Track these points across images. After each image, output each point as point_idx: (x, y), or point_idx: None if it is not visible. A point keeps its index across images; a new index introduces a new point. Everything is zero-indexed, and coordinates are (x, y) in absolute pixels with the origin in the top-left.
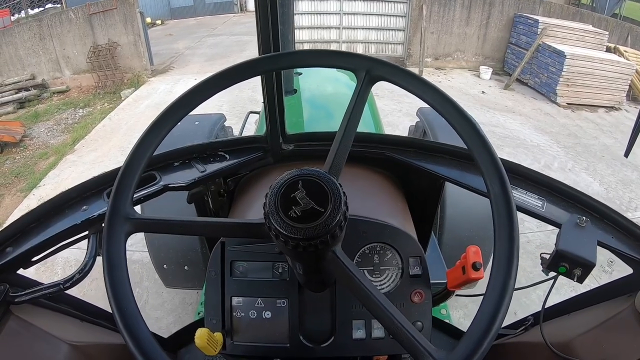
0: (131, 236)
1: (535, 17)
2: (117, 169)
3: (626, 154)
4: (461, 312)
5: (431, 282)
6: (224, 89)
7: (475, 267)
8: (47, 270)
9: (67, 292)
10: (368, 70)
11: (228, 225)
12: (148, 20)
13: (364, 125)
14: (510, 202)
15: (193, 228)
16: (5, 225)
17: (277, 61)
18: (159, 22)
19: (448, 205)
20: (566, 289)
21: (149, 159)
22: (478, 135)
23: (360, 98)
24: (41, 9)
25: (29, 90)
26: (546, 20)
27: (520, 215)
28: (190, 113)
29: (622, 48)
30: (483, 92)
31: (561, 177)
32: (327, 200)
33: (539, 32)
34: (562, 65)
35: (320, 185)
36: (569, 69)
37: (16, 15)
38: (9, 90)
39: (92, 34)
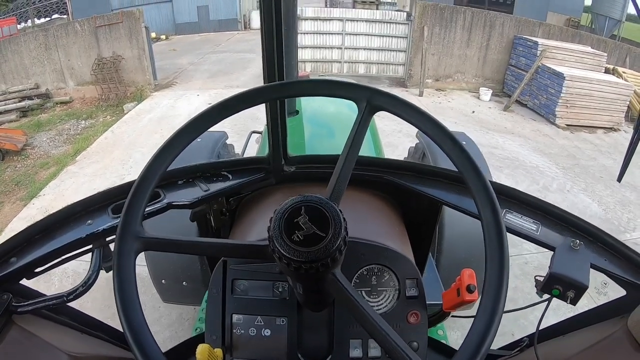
0: None
1: (534, 39)
2: (123, 185)
3: (619, 179)
4: (459, 333)
5: (428, 303)
6: (231, 115)
7: (469, 289)
8: (46, 280)
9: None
10: (368, 100)
11: (233, 247)
12: (153, 34)
13: (364, 148)
14: (501, 227)
15: (201, 248)
16: (10, 236)
17: (281, 90)
18: (163, 37)
19: (446, 227)
20: (563, 310)
21: (160, 179)
22: (471, 164)
23: (361, 127)
24: (48, 19)
25: (33, 99)
26: (545, 42)
27: (517, 238)
28: None
29: (620, 69)
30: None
31: (560, 198)
32: (328, 226)
33: (538, 54)
34: (561, 86)
35: (321, 212)
36: (567, 91)
37: (22, 24)
38: (13, 98)
39: (97, 46)
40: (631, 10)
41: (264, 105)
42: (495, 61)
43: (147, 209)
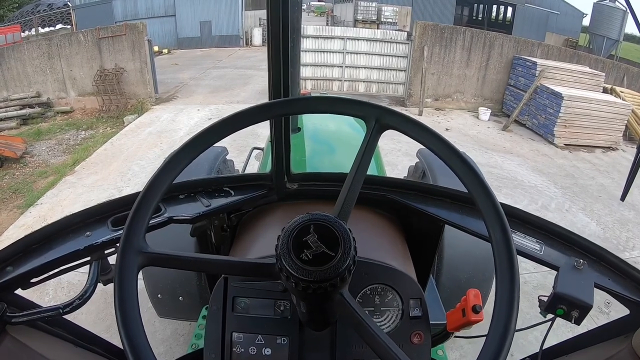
0: None
1: (533, 59)
2: (123, 197)
3: (622, 198)
4: (457, 353)
5: (430, 323)
6: (238, 130)
7: (475, 310)
8: (41, 290)
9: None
10: (377, 118)
11: (239, 264)
12: (155, 48)
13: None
14: (512, 248)
15: (205, 265)
16: (5, 244)
17: (289, 106)
18: (165, 51)
19: (446, 247)
20: (563, 329)
21: (164, 193)
22: (482, 185)
23: (369, 145)
24: (51, 28)
25: (34, 107)
26: (544, 62)
27: (518, 257)
28: None
29: (618, 89)
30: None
31: (558, 217)
32: (337, 245)
33: (537, 74)
34: (560, 106)
35: (331, 230)
36: (566, 110)
37: (27, 32)
38: (14, 106)
39: (99, 58)
40: (628, 30)
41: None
42: (495, 81)
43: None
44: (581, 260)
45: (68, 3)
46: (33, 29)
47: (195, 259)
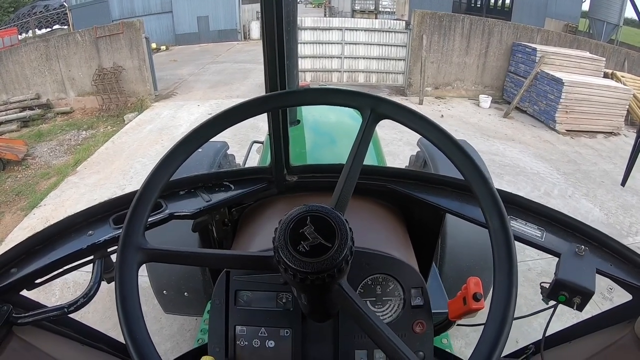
0: None
1: (533, 45)
2: (125, 195)
3: (623, 183)
4: (462, 341)
5: (433, 312)
6: (234, 124)
7: (476, 297)
8: (47, 291)
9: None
10: (373, 108)
11: (237, 258)
12: (153, 45)
13: (367, 157)
14: (509, 236)
15: (204, 260)
16: (10, 246)
17: (285, 99)
18: (163, 47)
19: (448, 236)
20: (568, 315)
21: (162, 190)
22: (478, 173)
23: (365, 136)
24: (49, 29)
25: (34, 109)
26: (544, 48)
27: (520, 244)
28: None
29: (619, 73)
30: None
31: (561, 204)
32: (334, 236)
33: (537, 60)
34: (561, 92)
35: (327, 221)
36: (567, 96)
37: (24, 35)
38: (14, 109)
39: (97, 57)
40: (628, 14)
41: (265, 115)
42: (494, 68)
43: (148, 220)
44: (583, 247)
45: (64, 3)
46: (30, 31)
47: (193, 253)
